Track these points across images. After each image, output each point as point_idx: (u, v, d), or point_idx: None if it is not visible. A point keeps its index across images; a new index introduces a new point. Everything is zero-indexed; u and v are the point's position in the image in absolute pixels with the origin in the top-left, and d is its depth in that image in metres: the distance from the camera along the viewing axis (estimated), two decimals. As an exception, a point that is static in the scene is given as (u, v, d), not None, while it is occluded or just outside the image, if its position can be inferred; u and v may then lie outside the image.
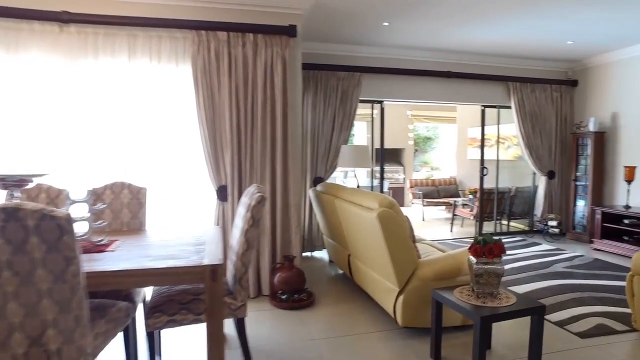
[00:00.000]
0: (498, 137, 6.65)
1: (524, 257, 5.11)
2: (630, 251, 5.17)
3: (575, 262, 4.92)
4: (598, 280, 4.23)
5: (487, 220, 6.78)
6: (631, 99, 5.69)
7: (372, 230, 2.79)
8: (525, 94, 6.20)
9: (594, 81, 6.22)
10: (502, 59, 6.15)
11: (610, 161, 5.99)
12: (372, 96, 5.78)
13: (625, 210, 5.33)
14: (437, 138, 14.98)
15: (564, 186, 6.46)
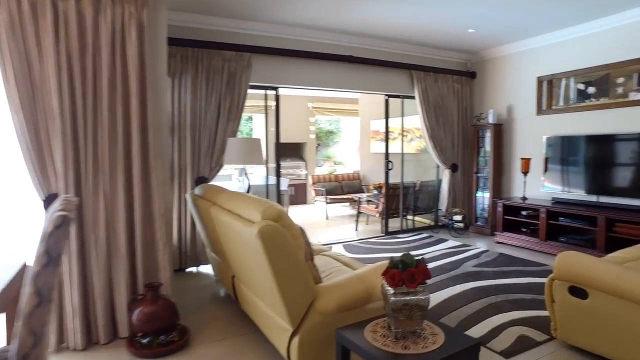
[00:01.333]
0: (402, 128, 6.31)
1: (433, 257, 4.76)
2: (528, 242, 5.13)
3: (482, 258, 4.70)
4: (507, 278, 3.98)
5: (393, 216, 6.44)
6: (523, 92, 5.69)
7: (254, 251, 2.04)
8: (428, 83, 5.93)
9: (491, 73, 6.17)
10: (406, 45, 5.79)
11: (507, 153, 5.98)
12: (266, 81, 5.00)
13: (522, 202, 5.28)
14: (340, 131, 14.73)
15: (467, 179, 6.36)
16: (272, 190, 5.52)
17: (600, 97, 4.86)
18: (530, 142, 5.63)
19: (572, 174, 5.02)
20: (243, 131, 12.78)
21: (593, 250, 4.46)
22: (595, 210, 4.50)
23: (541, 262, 4.53)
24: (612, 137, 4.64)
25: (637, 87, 4.54)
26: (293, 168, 10.35)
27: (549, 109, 5.40)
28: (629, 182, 4.54)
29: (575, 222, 4.67)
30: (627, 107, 4.61)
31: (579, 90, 5.07)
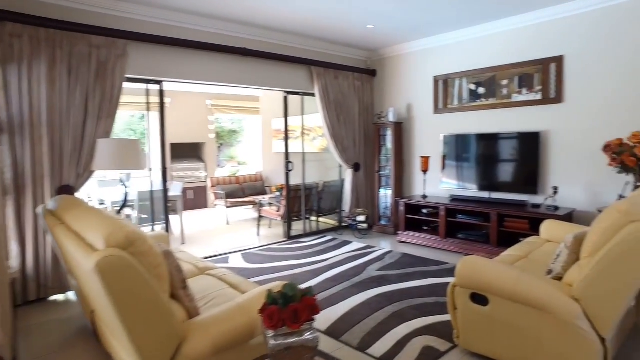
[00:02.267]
0: (303, 127, 6.04)
1: (336, 263, 4.54)
2: (429, 240, 5.16)
3: (386, 260, 4.59)
4: (411, 281, 3.88)
5: (296, 219, 6.15)
6: (421, 91, 5.75)
7: (97, 287, 1.54)
8: (329, 80, 5.71)
9: (391, 72, 6.16)
10: (306, 40, 5.51)
11: (408, 151, 6.01)
12: (147, 74, 4.36)
13: (423, 200, 5.31)
14: (243, 131, 14.16)
15: (369, 178, 6.29)
16: (159, 199, 4.88)
17: (489, 98, 5.04)
18: (429, 141, 5.70)
19: (466, 172, 5.16)
20: (137, 131, 11.62)
21: (487, 245, 4.59)
22: (488, 206, 4.63)
23: (442, 261, 4.54)
24: (498, 136, 4.83)
25: (518, 89, 4.77)
26: (192, 170, 9.59)
27: (445, 108, 5.51)
28: (513, 178, 4.76)
29: (471, 219, 4.78)
30: (510, 107, 4.83)
31: (471, 90, 5.23)
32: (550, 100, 4.53)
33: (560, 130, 4.48)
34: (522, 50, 4.71)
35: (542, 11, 4.47)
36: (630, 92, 4.02)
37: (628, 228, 1.87)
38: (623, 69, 4.05)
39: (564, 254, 2.43)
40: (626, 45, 4.02)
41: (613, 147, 3.64)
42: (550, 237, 3.47)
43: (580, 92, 4.34)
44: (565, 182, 4.45)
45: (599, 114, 4.22)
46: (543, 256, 2.99)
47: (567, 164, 4.44)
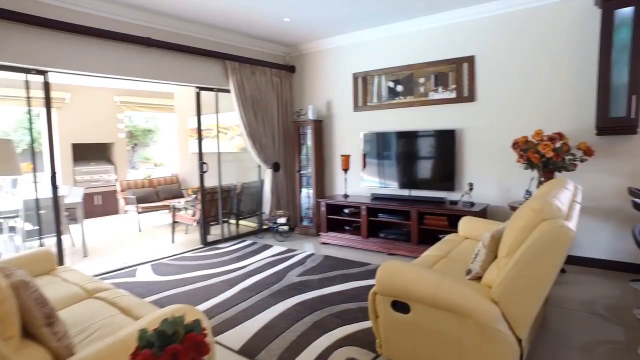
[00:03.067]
0: (217, 125, 5.65)
1: (255, 270, 4.25)
2: (351, 241, 5.07)
3: (307, 264, 4.39)
4: (332, 286, 3.71)
5: (213, 224, 5.75)
6: (341, 88, 5.65)
7: None
8: (245, 75, 5.39)
9: (310, 68, 5.98)
10: (219, 32, 5.13)
11: (329, 150, 5.88)
12: (26, 62, 3.73)
13: (344, 199, 5.20)
14: (159, 130, 13.26)
15: (290, 178, 6.07)
16: (62, 204, 4.23)
17: (407, 96, 5.06)
18: (349, 139, 5.62)
19: (387, 170, 5.14)
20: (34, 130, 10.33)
21: (409, 243, 4.58)
22: (409, 204, 4.63)
23: (365, 262, 4.45)
24: (416, 134, 4.86)
25: (434, 87, 4.83)
26: (100, 173, 8.69)
27: (364, 105, 5.45)
28: (432, 175, 4.81)
29: (392, 218, 4.75)
30: (428, 105, 4.88)
31: (389, 88, 5.21)
32: (464, 98, 4.63)
33: (474, 128, 4.60)
34: (437, 49, 4.77)
35: (454, 12, 4.55)
36: (532, 92, 4.22)
37: (541, 227, 1.83)
38: (525, 69, 4.24)
39: (482, 253, 2.39)
40: (526, 48, 4.21)
41: (520, 145, 3.77)
42: (467, 234, 3.50)
43: (490, 92, 4.48)
44: (480, 178, 4.57)
45: (507, 112, 4.38)
46: (462, 254, 2.97)
47: (481, 160, 4.57)
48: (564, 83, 4.06)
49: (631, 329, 2.84)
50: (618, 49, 3.56)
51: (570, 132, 3.92)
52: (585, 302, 3.28)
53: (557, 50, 4.07)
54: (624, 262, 3.90)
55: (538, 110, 4.20)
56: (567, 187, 2.52)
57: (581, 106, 3.96)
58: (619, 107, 3.56)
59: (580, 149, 3.64)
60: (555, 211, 1.87)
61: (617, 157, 3.86)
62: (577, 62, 3.98)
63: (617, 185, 3.87)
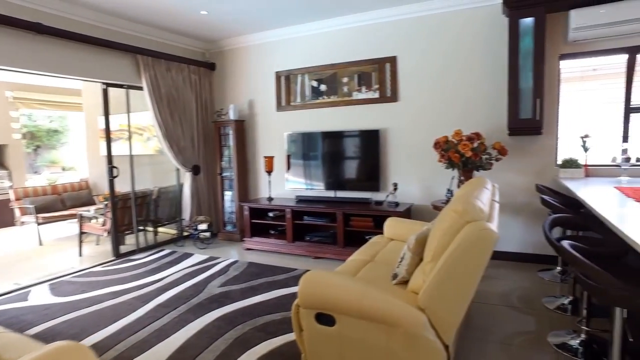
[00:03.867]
0: (129, 125, 5.16)
1: (172, 282, 3.91)
2: (277, 246, 4.89)
3: (230, 273, 4.14)
4: (256, 295, 3.51)
5: (128, 233, 5.26)
6: (263, 87, 5.45)
7: None
8: (159, 72, 4.98)
9: (231, 66, 5.70)
10: (130, 24, 4.68)
11: (252, 151, 5.65)
12: None
13: (268, 203, 5.01)
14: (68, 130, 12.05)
15: (211, 182, 5.74)
16: None
17: (331, 95, 4.98)
18: (273, 139, 5.43)
19: (312, 171, 5.02)
20: None
21: (335, 246, 4.51)
22: (334, 206, 4.55)
23: (291, 267, 4.29)
24: (340, 134, 4.81)
25: (358, 87, 4.81)
26: (-12, 180, 7.65)
27: (288, 105, 5.29)
28: (357, 176, 4.79)
29: (318, 220, 4.65)
30: (352, 105, 4.85)
31: (313, 87, 5.11)
32: (387, 98, 4.65)
33: (397, 128, 4.64)
34: (360, 49, 4.75)
35: (376, 12, 4.56)
36: (451, 93, 4.34)
37: (464, 230, 1.80)
38: (444, 71, 4.35)
39: (407, 257, 2.33)
40: (444, 51, 4.33)
41: (441, 144, 3.84)
42: (393, 235, 3.48)
43: (412, 92, 4.54)
44: (404, 178, 4.62)
45: (429, 112, 4.47)
46: (388, 257, 2.92)
47: (405, 160, 4.63)
48: (479, 85, 4.22)
49: (541, 318, 2.98)
50: (523, 55, 3.77)
51: (486, 132, 4.08)
52: (503, 296, 3.41)
53: (472, 54, 4.22)
54: (533, 254, 4.14)
55: (457, 110, 4.33)
56: (487, 187, 2.56)
57: (495, 107, 4.14)
58: (526, 109, 3.76)
59: (495, 149, 3.79)
60: (478, 213, 1.85)
61: (526, 156, 4.08)
62: (490, 66, 4.15)
63: (526, 183, 4.10)
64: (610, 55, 3.87)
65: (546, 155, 4.03)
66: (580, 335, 2.60)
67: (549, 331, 2.77)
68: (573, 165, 3.83)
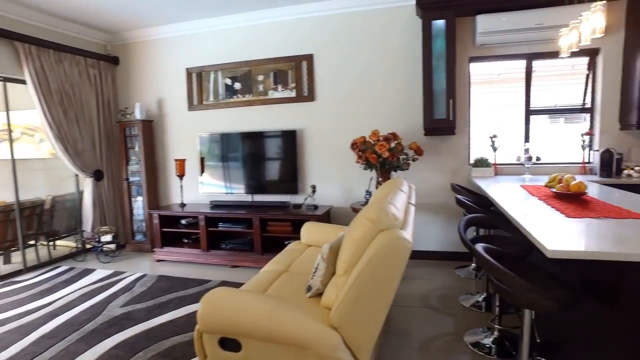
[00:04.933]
0: (9, 124, 4.46)
1: (64, 306, 3.41)
2: (191, 255, 4.53)
3: (136, 289, 3.72)
4: (164, 314, 3.16)
5: (13, 250, 4.57)
6: (174, 84, 5.04)
7: None
8: (48, 64, 4.37)
9: (137, 60, 5.20)
10: (5, 3, 4.02)
11: (162, 154, 5.20)
12: None
13: (181, 209, 4.63)
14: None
15: (117, 188, 5.19)
16: None
17: (245, 94, 4.72)
18: (185, 141, 5.04)
19: (227, 175, 4.72)
20: None
21: (253, 253, 4.27)
22: (251, 211, 4.31)
23: (205, 279, 3.97)
24: (256, 135, 4.57)
25: (274, 85, 4.61)
26: None
27: (200, 104, 4.93)
28: (274, 179, 4.58)
29: (234, 226, 4.37)
30: (268, 104, 4.63)
31: (227, 85, 4.81)
32: (304, 97, 4.50)
33: (315, 128, 4.51)
34: (276, 46, 4.55)
35: (292, 8, 4.38)
36: (368, 93, 4.30)
37: (377, 240, 1.67)
38: (361, 71, 4.30)
39: (322, 267, 2.18)
40: (361, 50, 4.28)
41: (358, 145, 3.77)
42: (310, 241, 3.32)
43: (329, 91, 4.43)
44: (323, 179, 4.50)
45: (346, 112, 4.39)
46: (304, 266, 2.75)
47: (324, 161, 4.51)
48: (396, 85, 4.22)
49: (458, 317, 3.00)
50: (437, 57, 3.82)
51: (403, 133, 4.09)
52: (423, 297, 3.40)
53: (389, 54, 4.21)
54: (452, 252, 4.23)
55: (374, 111, 4.29)
56: (402, 189, 2.49)
57: (412, 108, 4.16)
58: (440, 109, 3.81)
59: (411, 149, 3.79)
60: (391, 220, 1.73)
61: (442, 156, 4.16)
62: (406, 67, 4.17)
63: (443, 182, 4.17)
64: (512, 60, 4.06)
65: (460, 155, 4.13)
66: (494, 333, 2.63)
67: (466, 330, 2.78)
68: (484, 165, 3.96)
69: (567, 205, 2.29)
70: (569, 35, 2.78)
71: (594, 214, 2.05)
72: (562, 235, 1.66)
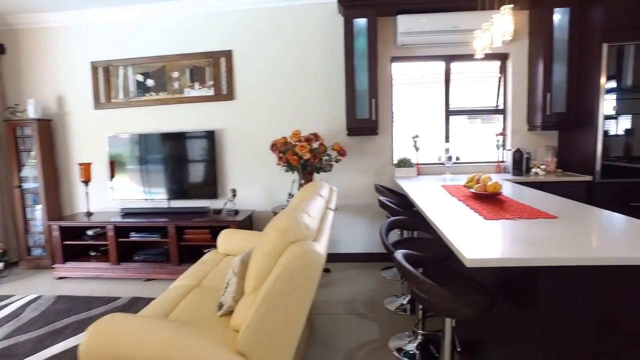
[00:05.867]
0: None
1: None
2: (99, 270, 4.08)
3: (26, 314, 3.23)
4: (57, 343, 2.75)
5: None
6: (77, 79, 4.51)
7: None
8: None
9: (30, 50, 4.58)
10: None
11: (63, 158, 4.64)
12: None
13: (87, 219, 4.15)
14: None
15: (7, 197, 4.55)
16: None
17: (159, 92, 4.35)
18: (91, 143, 4.53)
19: (141, 179, 4.31)
20: None
21: (169, 264, 3.92)
22: (166, 218, 3.96)
23: (113, 296, 3.56)
24: (171, 136, 4.22)
25: (190, 83, 4.29)
26: None
27: (108, 102, 4.46)
28: (192, 183, 4.26)
29: (148, 236, 3.98)
30: (184, 103, 4.30)
31: (138, 82, 4.39)
32: (224, 96, 4.24)
33: (235, 129, 4.26)
34: (192, 41, 4.23)
35: (210, 0, 4.09)
36: (291, 92, 4.14)
37: (287, 254, 1.50)
38: (283, 69, 4.13)
39: (233, 282, 1.97)
40: (283, 48, 4.11)
41: (279, 146, 3.59)
42: (228, 250, 3.08)
43: (249, 90, 4.21)
44: (245, 182, 4.27)
45: (268, 112, 4.19)
46: (219, 279, 2.51)
47: (245, 163, 4.27)
48: (319, 84, 4.10)
49: (384, 322, 2.93)
50: (359, 56, 3.76)
51: (326, 133, 3.98)
52: (348, 302, 3.30)
53: (312, 52, 4.08)
54: (377, 253, 4.20)
55: (297, 110, 4.14)
56: (321, 194, 2.35)
57: (334, 107, 4.07)
58: (363, 109, 3.75)
59: (334, 150, 3.69)
60: (302, 231, 1.57)
61: (366, 156, 4.11)
62: (330, 65, 4.06)
63: (368, 182, 4.12)
64: (432, 61, 4.12)
65: (384, 155, 4.11)
66: (418, 338, 2.59)
67: (391, 336, 2.72)
68: (407, 165, 3.97)
69: (485, 206, 2.29)
70: (482, 38, 2.82)
71: (509, 214, 2.06)
72: (480, 240, 1.61)
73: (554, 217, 1.97)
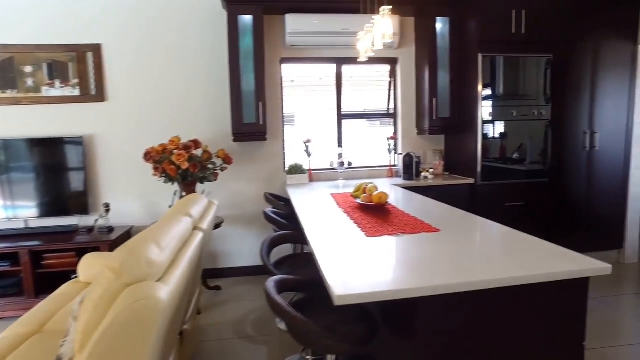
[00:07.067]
0: None
1: None
2: None
3: None
4: None
5: None
6: None
7: None
8: None
9: None
10: None
11: None
12: None
13: None
14: None
15: None
16: None
17: (8, 89, 3.64)
18: None
19: (-14, 195, 3.58)
20: None
21: (22, 297, 3.29)
22: (20, 241, 3.32)
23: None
24: (27, 142, 3.57)
25: (49, 80, 3.66)
26: None
27: (-61, 101, 3.64)
28: (56, 197, 3.63)
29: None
30: (42, 104, 3.65)
31: (-19, 77, 3.65)
32: (92, 97, 3.69)
33: (107, 134, 3.74)
34: (51, 30, 3.61)
35: (69, -17, 3.53)
36: (172, 94, 3.75)
37: (119, 301, 1.20)
38: (163, 68, 3.72)
39: (74, 331, 1.59)
40: (162, 45, 3.69)
41: (154, 155, 3.18)
42: (92, 278, 2.61)
43: (124, 91, 3.72)
44: (121, 195, 3.77)
45: (146, 116, 3.75)
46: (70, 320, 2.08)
47: (121, 173, 3.77)
48: (203, 86, 3.76)
49: (273, 345, 2.72)
50: (244, 56, 3.51)
51: (211, 139, 3.66)
52: (236, 324, 3.03)
53: (195, 51, 3.73)
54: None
55: (178, 115, 3.75)
56: (191, 212, 2.05)
57: (220, 111, 3.76)
58: (250, 113, 3.50)
59: (219, 157, 3.38)
60: (143, 269, 1.28)
61: (255, 163, 3.87)
62: (213, 65, 3.74)
63: (257, 191, 3.88)
64: (323, 63, 4.01)
65: (275, 162, 3.90)
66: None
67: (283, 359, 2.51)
68: (299, 171, 3.80)
69: (369, 219, 2.18)
70: (364, 40, 2.74)
71: (392, 229, 1.96)
72: (356, 267, 1.45)
73: (437, 230, 1.91)
